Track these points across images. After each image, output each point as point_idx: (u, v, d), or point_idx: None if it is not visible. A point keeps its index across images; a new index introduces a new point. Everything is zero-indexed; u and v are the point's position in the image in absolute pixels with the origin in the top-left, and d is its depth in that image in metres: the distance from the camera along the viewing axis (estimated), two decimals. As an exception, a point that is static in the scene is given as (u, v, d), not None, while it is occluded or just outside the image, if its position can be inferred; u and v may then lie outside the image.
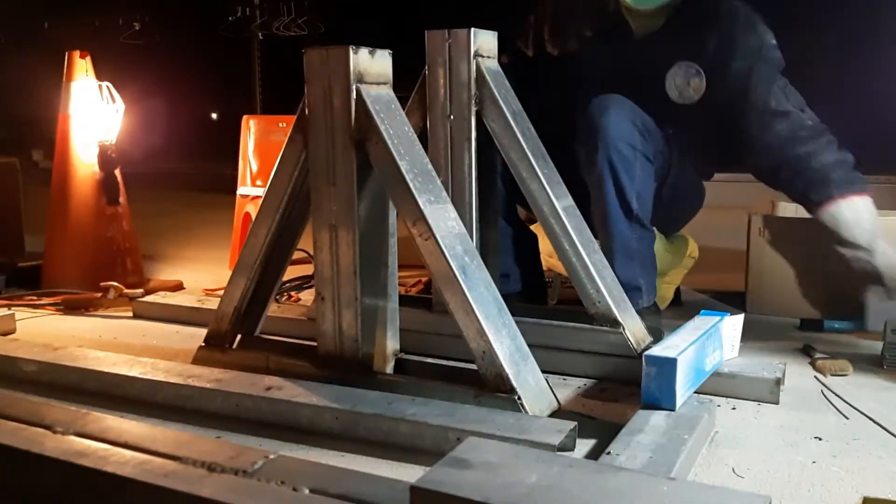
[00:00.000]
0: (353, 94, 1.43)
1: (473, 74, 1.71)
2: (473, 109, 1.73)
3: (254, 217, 1.67)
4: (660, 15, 1.99)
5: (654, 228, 2.01)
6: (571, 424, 1.26)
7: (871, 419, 1.42)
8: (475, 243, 1.78)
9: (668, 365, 1.34)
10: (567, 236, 1.69)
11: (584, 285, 1.69)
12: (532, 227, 2.29)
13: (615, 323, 1.66)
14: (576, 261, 1.69)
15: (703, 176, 2.21)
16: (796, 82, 1.98)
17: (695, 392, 1.43)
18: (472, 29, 1.71)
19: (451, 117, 1.76)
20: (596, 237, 1.81)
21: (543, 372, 1.44)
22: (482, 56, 1.73)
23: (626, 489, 0.87)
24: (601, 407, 1.51)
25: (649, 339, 1.69)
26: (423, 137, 1.76)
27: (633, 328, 1.67)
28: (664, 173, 2.02)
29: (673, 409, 1.34)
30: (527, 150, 1.70)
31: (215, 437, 1.35)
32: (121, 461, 1.07)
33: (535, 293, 2.22)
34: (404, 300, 1.68)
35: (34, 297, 2.39)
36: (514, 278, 2.14)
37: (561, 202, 1.70)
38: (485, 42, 1.74)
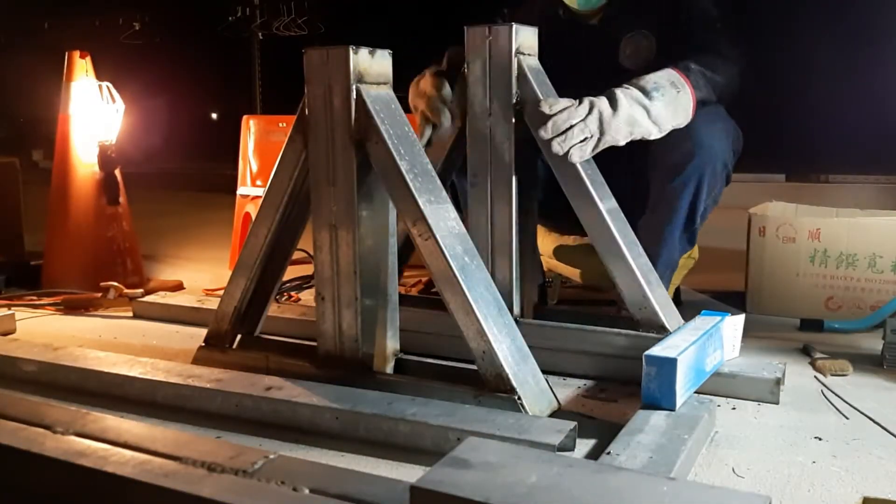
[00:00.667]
0: (353, 94, 1.43)
1: (515, 72, 1.67)
2: (514, 108, 1.68)
3: (254, 217, 1.67)
4: (599, 11, 2.01)
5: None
6: (571, 424, 1.26)
7: (871, 419, 1.42)
8: (515, 243, 1.75)
9: (668, 365, 1.34)
10: (612, 239, 1.65)
11: (629, 289, 1.65)
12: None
13: (662, 329, 1.62)
14: (622, 264, 1.65)
15: None
16: (797, 83, 1.97)
17: (695, 392, 1.43)
18: (514, 25, 1.66)
19: (492, 116, 1.71)
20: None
21: (548, 373, 1.45)
22: (523, 54, 1.68)
23: (626, 489, 0.87)
24: (601, 407, 1.51)
25: None
26: (462, 136, 1.77)
27: None
28: None
29: (673, 409, 1.34)
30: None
31: (215, 437, 1.35)
32: (121, 461, 1.07)
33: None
34: (404, 300, 1.68)
35: (34, 297, 2.39)
36: None
37: (605, 204, 1.66)
38: (526, 39, 1.69)
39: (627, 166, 1.87)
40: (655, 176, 1.89)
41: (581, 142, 1.61)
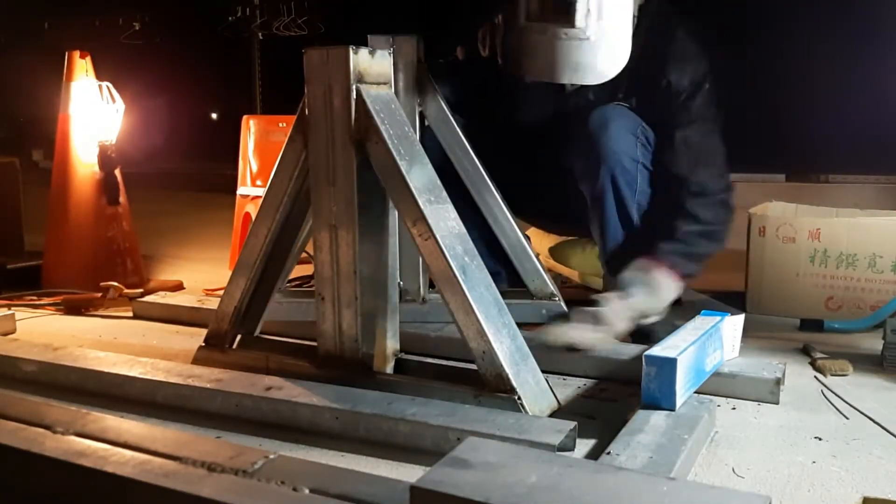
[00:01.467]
0: (353, 94, 1.43)
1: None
2: (417, 110, 1.88)
3: (254, 217, 1.68)
4: None
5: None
6: (571, 424, 1.26)
7: (871, 419, 1.42)
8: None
9: (668, 365, 1.34)
10: (507, 221, 1.98)
11: (523, 266, 1.99)
12: (528, 232, 2.30)
13: (551, 295, 1.98)
14: (516, 243, 1.99)
15: None
16: (797, 83, 1.96)
17: (695, 392, 1.43)
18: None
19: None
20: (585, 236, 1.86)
21: (543, 372, 1.45)
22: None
23: (626, 489, 0.87)
24: (601, 407, 1.51)
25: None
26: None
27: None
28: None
29: (673, 409, 1.34)
30: (467, 146, 1.93)
31: (215, 437, 1.35)
32: (121, 461, 1.07)
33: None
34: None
35: (34, 297, 2.39)
36: (504, 277, 2.14)
37: (498, 193, 1.96)
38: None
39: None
40: (582, 189, 1.94)
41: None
